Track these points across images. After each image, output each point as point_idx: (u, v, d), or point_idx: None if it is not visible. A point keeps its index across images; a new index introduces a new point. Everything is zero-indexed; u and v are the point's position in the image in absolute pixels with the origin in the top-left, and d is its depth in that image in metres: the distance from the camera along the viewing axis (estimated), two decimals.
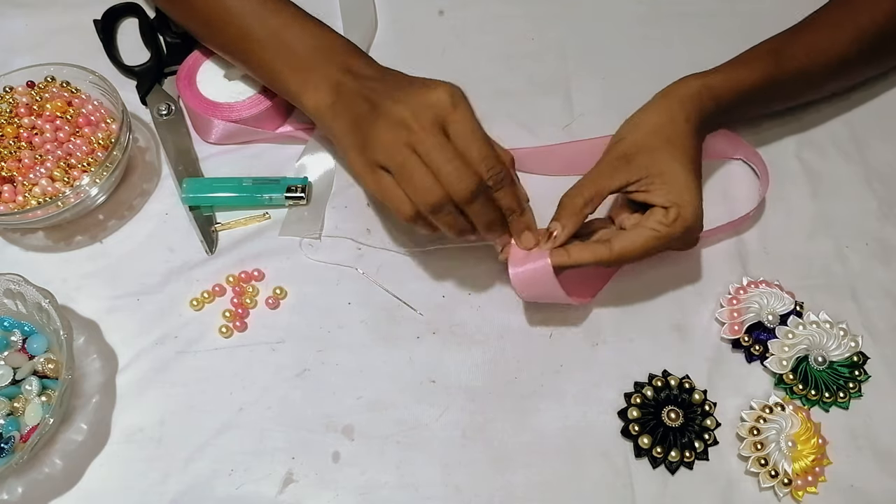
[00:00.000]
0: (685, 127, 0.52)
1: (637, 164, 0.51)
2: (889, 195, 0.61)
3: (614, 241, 0.50)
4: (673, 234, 0.50)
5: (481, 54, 0.68)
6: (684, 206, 0.50)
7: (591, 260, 0.50)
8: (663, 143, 0.52)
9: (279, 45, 0.55)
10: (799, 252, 0.58)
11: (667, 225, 0.50)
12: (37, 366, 0.52)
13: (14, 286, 0.52)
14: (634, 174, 0.51)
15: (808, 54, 0.57)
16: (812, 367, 0.53)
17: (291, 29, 0.55)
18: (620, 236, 0.50)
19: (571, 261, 0.50)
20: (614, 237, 0.51)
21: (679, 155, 0.51)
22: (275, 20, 0.55)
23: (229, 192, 0.59)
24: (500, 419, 0.52)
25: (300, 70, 0.54)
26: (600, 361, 0.54)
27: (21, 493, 0.50)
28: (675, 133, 0.52)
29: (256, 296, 0.56)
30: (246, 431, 0.52)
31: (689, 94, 0.53)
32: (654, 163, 0.51)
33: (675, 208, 0.50)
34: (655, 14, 0.70)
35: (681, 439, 0.51)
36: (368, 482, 0.50)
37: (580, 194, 0.51)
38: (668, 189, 0.50)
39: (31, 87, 0.60)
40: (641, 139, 0.52)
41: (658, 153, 0.51)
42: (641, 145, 0.52)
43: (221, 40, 0.58)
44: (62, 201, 0.55)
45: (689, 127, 0.52)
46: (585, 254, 0.50)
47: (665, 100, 0.54)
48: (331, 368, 0.54)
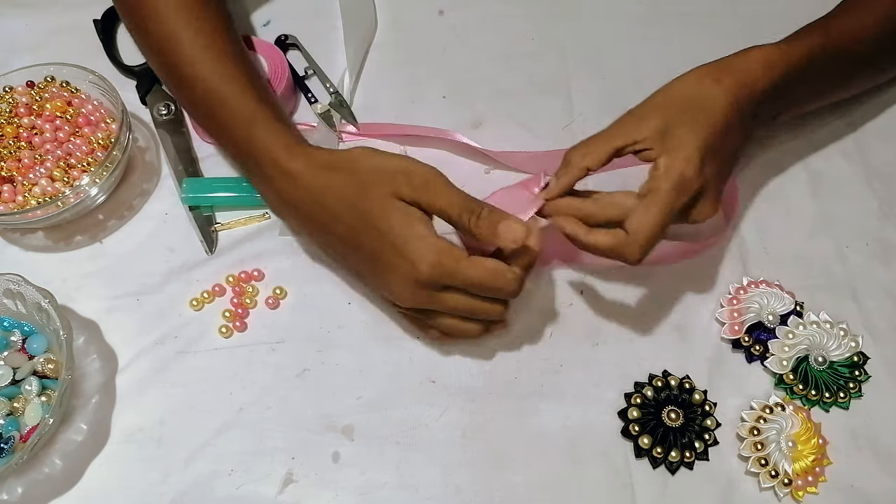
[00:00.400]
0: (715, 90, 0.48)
1: (646, 123, 0.48)
2: (889, 195, 0.61)
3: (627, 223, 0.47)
4: (666, 188, 0.46)
5: (481, 54, 0.68)
6: (674, 154, 0.46)
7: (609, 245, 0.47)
8: (683, 105, 0.48)
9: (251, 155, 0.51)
10: (799, 252, 0.58)
11: (657, 178, 0.46)
12: (37, 366, 0.52)
13: (14, 286, 0.52)
14: (642, 132, 0.48)
15: (858, 22, 0.54)
16: (812, 368, 0.53)
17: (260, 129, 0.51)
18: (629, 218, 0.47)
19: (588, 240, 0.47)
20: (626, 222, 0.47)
21: (692, 117, 0.47)
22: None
23: (229, 192, 0.59)
24: (500, 419, 0.52)
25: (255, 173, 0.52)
26: (600, 361, 0.54)
27: (21, 493, 0.50)
28: (699, 98, 0.48)
29: (256, 296, 0.56)
30: (246, 431, 0.52)
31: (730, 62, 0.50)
32: (667, 128, 0.47)
33: (662, 158, 0.47)
34: (655, 14, 0.70)
35: (681, 439, 0.51)
36: (368, 482, 0.50)
37: (581, 147, 0.49)
38: (665, 141, 0.47)
39: (30, 87, 0.60)
40: (661, 98, 0.49)
41: (671, 112, 0.48)
42: (660, 104, 0.49)
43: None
44: (62, 201, 0.55)
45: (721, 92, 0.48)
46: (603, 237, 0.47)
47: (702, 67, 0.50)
48: (331, 368, 0.54)
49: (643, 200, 0.47)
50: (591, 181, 0.51)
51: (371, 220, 0.46)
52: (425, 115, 0.64)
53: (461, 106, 0.65)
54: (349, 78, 0.65)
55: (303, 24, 0.68)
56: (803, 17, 0.60)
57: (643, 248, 0.46)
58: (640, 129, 0.48)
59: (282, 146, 0.49)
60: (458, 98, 0.65)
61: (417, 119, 0.63)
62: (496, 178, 0.61)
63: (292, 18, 0.69)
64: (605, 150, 0.48)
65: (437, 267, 0.45)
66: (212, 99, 0.52)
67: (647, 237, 0.46)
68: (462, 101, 0.65)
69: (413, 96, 0.65)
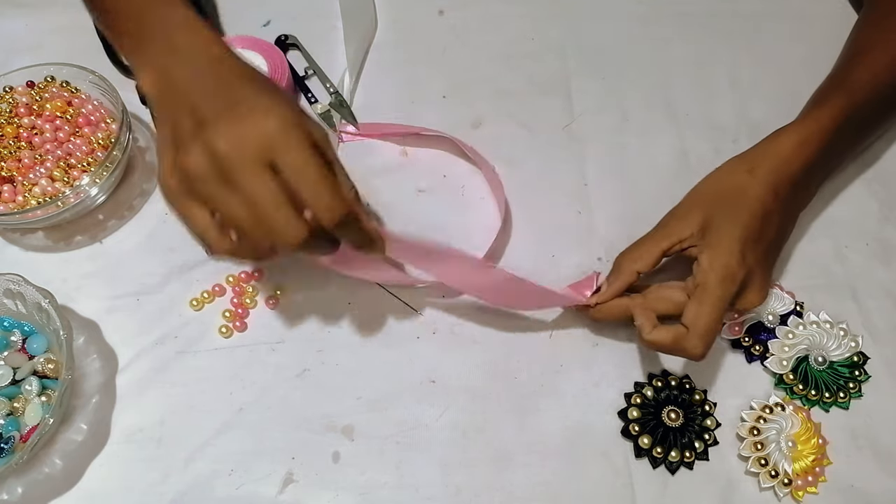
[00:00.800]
0: (748, 181, 0.49)
1: (688, 221, 0.50)
2: (889, 196, 0.61)
3: (685, 318, 0.47)
4: (714, 282, 0.47)
5: (481, 54, 0.68)
6: (716, 249, 0.47)
7: (671, 340, 0.47)
8: (719, 198, 0.50)
9: (121, 12, 0.46)
10: (799, 252, 0.58)
11: (703, 272, 0.47)
12: (37, 366, 0.52)
13: (14, 286, 0.52)
14: (685, 230, 0.49)
15: (872, 73, 0.55)
16: (812, 367, 0.53)
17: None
18: (686, 312, 0.48)
19: (649, 339, 0.48)
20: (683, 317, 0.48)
21: (730, 210, 0.49)
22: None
23: None
24: (500, 419, 0.52)
25: (136, 43, 0.45)
26: (600, 361, 0.54)
27: (21, 493, 0.50)
28: (734, 190, 0.49)
29: (256, 296, 0.56)
30: (246, 431, 0.52)
31: (758, 153, 0.51)
32: (703, 218, 0.49)
33: (705, 254, 0.48)
34: (655, 14, 0.70)
35: (681, 439, 0.51)
36: (368, 482, 0.50)
37: (629, 253, 0.51)
38: (706, 237, 0.48)
39: (31, 87, 0.60)
40: (698, 195, 0.51)
41: (710, 207, 0.49)
42: (697, 201, 0.51)
43: None
44: (62, 201, 0.55)
45: (755, 181, 0.49)
46: (664, 333, 0.48)
47: (734, 159, 0.51)
48: (331, 368, 0.54)
49: (695, 295, 0.48)
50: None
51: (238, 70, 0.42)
52: (425, 115, 0.64)
53: (461, 106, 0.65)
54: (349, 78, 0.65)
55: (303, 24, 0.68)
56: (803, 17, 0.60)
57: (704, 340, 0.47)
58: (684, 229, 0.50)
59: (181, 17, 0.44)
60: (458, 98, 0.65)
61: (417, 119, 0.63)
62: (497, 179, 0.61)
63: (292, 18, 0.69)
64: (654, 254, 0.50)
65: (291, 127, 0.40)
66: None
67: (706, 329, 0.47)
68: (462, 101, 0.65)
69: (413, 96, 0.65)
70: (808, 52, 0.61)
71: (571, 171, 0.62)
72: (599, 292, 0.51)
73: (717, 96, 0.65)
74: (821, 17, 0.62)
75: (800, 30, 0.61)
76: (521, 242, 0.55)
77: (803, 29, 0.61)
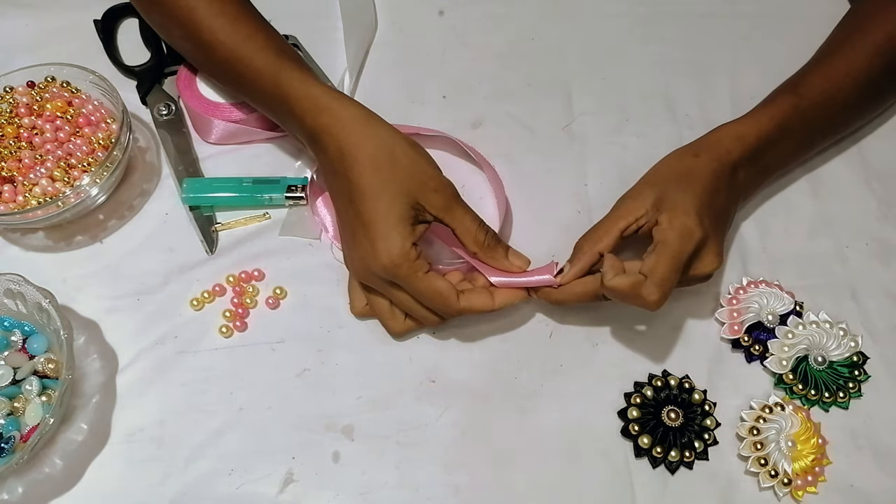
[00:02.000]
0: (694, 162, 0.52)
1: (641, 199, 0.51)
2: (889, 195, 0.61)
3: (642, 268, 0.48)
4: (673, 237, 0.48)
5: (481, 54, 0.68)
6: (673, 211, 0.49)
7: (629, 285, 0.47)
8: (669, 178, 0.52)
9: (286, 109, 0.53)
10: (799, 252, 0.58)
11: (662, 230, 0.49)
12: (37, 366, 0.52)
13: (14, 286, 0.52)
14: (640, 209, 0.51)
15: (828, 79, 0.57)
16: (812, 367, 0.53)
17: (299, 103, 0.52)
18: (644, 265, 0.49)
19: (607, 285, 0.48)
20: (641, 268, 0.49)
21: (680, 184, 0.51)
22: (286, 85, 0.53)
23: (229, 192, 0.59)
24: (500, 419, 0.52)
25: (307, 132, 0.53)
26: (600, 361, 0.54)
27: (21, 493, 0.50)
28: (682, 170, 0.52)
29: (256, 296, 0.56)
30: (246, 431, 0.52)
31: (713, 138, 0.54)
32: (662, 196, 0.51)
33: (664, 214, 0.49)
34: (655, 14, 0.70)
35: (681, 439, 0.51)
36: (368, 482, 0.50)
37: (589, 236, 0.52)
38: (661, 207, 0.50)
39: (31, 87, 0.60)
40: (649, 178, 0.53)
41: (661, 186, 0.52)
42: (648, 183, 0.53)
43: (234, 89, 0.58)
44: (62, 201, 0.55)
45: (700, 163, 0.52)
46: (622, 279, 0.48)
47: (680, 148, 0.54)
48: (331, 368, 0.54)
49: (654, 249, 0.49)
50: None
51: (361, 193, 0.49)
52: (425, 115, 0.64)
53: (461, 106, 0.65)
54: (349, 78, 0.65)
55: (303, 24, 0.68)
56: (803, 18, 0.60)
57: (660, 288, 0.47)
58: (638, 207, 0.51)
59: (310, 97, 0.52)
60: (458, 98, 0.65)
61: (417, 119, 0.63)
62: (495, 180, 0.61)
63: (292, 18, 0.69)
64: (612, 234, 0.51)
65: (393, 268, 0.48)
66: (235, 62, 0.54)
67: (662, 279, 0.48)
68: (462, 101, 0.65)
69: (413, 96, 0.65)
70: (808, 52, 0.61)
71: (571, 171, 0.62)
72: (561, 275, 0.51)
73: (717, 96, 0.65)
74: (820, 17, 0.62)
75: (800, 30, 0.61)
76: (520, 242, 0.55)
77: (803, 29, 0.61)
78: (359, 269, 0.50)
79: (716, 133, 0.55)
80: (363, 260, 0.49)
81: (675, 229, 0.49)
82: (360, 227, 0.49)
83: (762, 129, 0.54)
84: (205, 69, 0.60)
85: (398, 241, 0.48)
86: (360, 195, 0.49)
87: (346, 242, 0.51)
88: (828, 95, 0.57)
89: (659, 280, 0.47)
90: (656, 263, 0.48)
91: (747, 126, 0.55)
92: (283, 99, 0.53)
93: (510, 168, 0.61)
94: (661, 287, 0.47)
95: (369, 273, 0.49)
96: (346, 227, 0.51)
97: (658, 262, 0.48)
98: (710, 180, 0.52)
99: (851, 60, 0.57)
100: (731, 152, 0.53)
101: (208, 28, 0.54)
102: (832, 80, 0.57)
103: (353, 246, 0.50)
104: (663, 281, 0.48)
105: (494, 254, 0.51)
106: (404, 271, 0.48)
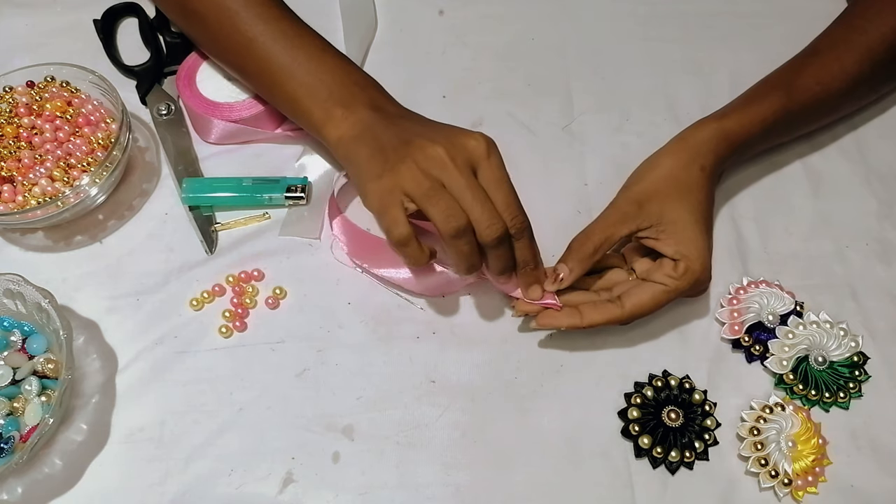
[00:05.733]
0: (699, 175, 0.53)
1: (648, 211, 0.52)
2: (889, 195, 0.61)
3: (625, 298, 0.51)
4: (681, 287, 0.50)
5: (481, 54, 0.68)
6: (693, 259, 0.50)
7: (603, 321, 0.51)
8: (675, 190, 0.52)
9: (304, 77, 0.54)
10: (799, 252, 0.58)
11: (676, 278, 0.50)
12: (37, 366, 0.52)
13: (14, 286, 0.52)
14: (645, 221, 0.52)
15: (819, 82, 0.57)
16: (812, 367, 0.53)
17: (318, 62, 0.54)
18: (631, 294, 0.51)
19: (584, 322, 0.51)
20: (625, 295, 0.51)
21: (690, 205, 0.52)
22: (300, 51, 0.54)
23: (229, 192, 0.59)
24: (500, 419, 0.52)
25: (325, 102, 0.53)
26: (600, 361, 0.54)
27: (21, 493, 0.50)
28: (688, 181, 0.53)
29: (256, 296, 0.56)
30: (246, 431, 0.52)
31: (705, 139, 0.54)
32: (664, 211, 0.51)
33: (683, 262, 0.50)
34: (655, 14, 0.70)
35: (681, 439, 0.51)
36: (368, 482, 0.50)
37: (590, 240, 0.52)
38: (678, 240, 0.51)
39: (30, 87, 0.60)
40: (654, 185, 0.53)
41: (669, 201, 0.52)
42: (653, 192, 0.53)
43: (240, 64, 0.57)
44: (62, 201, 0.55)
45: (704, 175, 0.53)
46: (597, 315, 0.51)
47: (681, 145, 0.54)
48: (331, 368, 0.54)
49: (654, 288, 0.51)
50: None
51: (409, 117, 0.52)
52: (425, 114, 0.63)
53: (461, 106, 0.65)
54: None
55: None
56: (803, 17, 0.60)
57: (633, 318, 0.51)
58: (643, 218, 0.52)
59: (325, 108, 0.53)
60: (458, 98, 0.65)
61: None
62: None
63: None
64: (613, 241, 0.52)
65: (488, 141, 0.48)
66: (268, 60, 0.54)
67: (643, 315, 0.51)
68: (462, 101, 0.65)
69: (413, 96, 0.65)
70: None
71: (571, 171, 0.62)
72: (558, 280, 0.51)
73: (717, 96, 0.65)
74: (821, 17, 0.62)
75: (800, 30, 0.61)
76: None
77: (803, 29, 0.61)
78: (439, 153, 0.47)
79: (701, 129, 0.55)
80: (453, 141, 0.47)
81: (688, 281, 0.50)
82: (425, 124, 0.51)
83: (750, 130, 0.55)
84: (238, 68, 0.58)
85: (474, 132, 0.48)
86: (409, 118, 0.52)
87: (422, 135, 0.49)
88: (818, 98, 0.57)
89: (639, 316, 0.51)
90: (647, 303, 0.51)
91: (734, 124, 0.55)
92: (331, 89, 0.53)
93: (510, 168, 0.60)
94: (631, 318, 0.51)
95: (457, 153, 0.47)
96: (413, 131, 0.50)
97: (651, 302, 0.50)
98: (707, 189, 0.53)
99: (844, 62, 0.57)
100: (720, 151, 0.54)
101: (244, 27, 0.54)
102: (823, 81, 0.57)
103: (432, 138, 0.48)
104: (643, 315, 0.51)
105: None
106: (494, 148, 0.48)
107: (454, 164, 0.46)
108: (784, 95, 0.56)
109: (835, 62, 0.57)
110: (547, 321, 0.51)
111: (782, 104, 0.56)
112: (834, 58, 0.58)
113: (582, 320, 0.51)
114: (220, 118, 0.61)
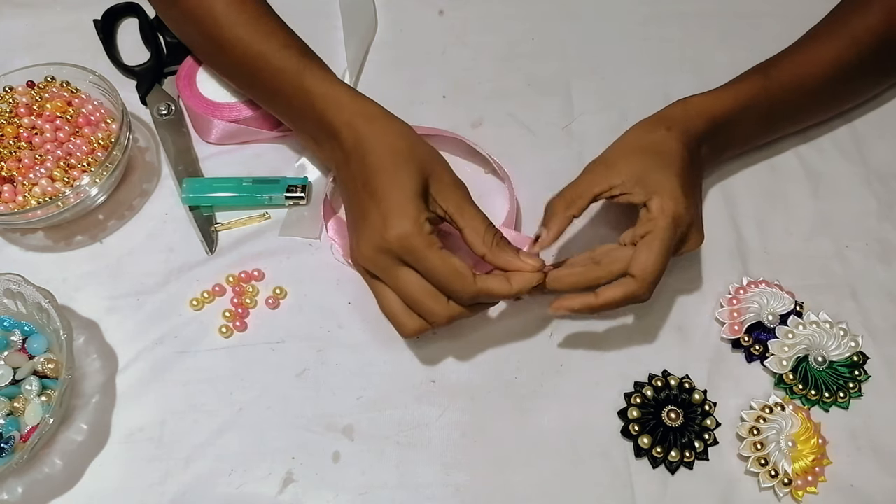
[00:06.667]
0: (666, 134, 0.52)
1: (617, 170, 0.51)
2: (889, 195, 0.61)
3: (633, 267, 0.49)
4: (664, 226, 0.49)
5: (481, 54, 0.68)
6: (664, 195, 0.49)
7: (621, 295, 0.48)
8: (641, 149, 0.52)
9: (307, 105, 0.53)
10: (799, 252, 0.58)
11: (654, 219, 0.49)
12: (37, 366, 0.52)
13: (14, 286, 0.52)
14: (615, 178, 0.51)
15: (798, 64, 0.57)
16: (812, 367, 0.53)
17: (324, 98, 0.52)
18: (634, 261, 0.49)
19: (600, 301, 0.49)
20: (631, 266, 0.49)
21: (658, 157, 0.51)
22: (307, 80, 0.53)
23: (229, 192, 0.59)
24: (500, 419, 0.52)
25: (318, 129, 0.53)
26: (600, 361, 0.54)
27: (21, 493, 0.50)
28: (654, 139, 0.52)
29: (256, 296, 0.56)
30: (246, 431, 0.52)
31: (670, 109, 0.54)
32: (632, 166, 0.51)
33: (655, 199, 0.49)
34: (655, 14, 0.70)
35: (681, 439, 0.51)
36: (368, 482, 0.50)
37: (562, 198, 0.51)
38: (645, 185, 0.50)
39: (31, 87, 0.60)
40: (620, 148, 0.53)
41: (635, 157, 0.52)
42: (620, 153, 0.53)
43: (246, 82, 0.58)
44: (62, 201, 0.55)
45: (672, 135, 0.52)
46: (610, 291, 0.49)
47: (648, 119, 0.54)
48: (331, 368, 0.54)
49: (644, 242, 0.49)
50: None
51: (375, 172, 0.48)
52: (425, 115, 0.64)
53: (461, 106, 0.65)
54: (349, 78, 0.65)
55: (303, 24, 0.68)
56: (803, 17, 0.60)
57: (652, 285, 0.49)
58: (613, 176, 0.51)
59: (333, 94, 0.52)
60: (458, 98, 0.65)
61: (417, 119, 0.62)
62: (496, 180, 0.61)
63: (292, 18, 0.69)
64: (586, 198, 0.51)
65: (407, 238, 0.46)
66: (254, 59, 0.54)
67: (655, 275, 0.48)
68: (462, 101, 0.65)
69: (413, 96, 0.65)
70: None
71: (571, 171, 0.62)
72: (539, 241, 0.51)
73: None
74: (820, 17, 0.62)
75: (800, 30, 0.61)
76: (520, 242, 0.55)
77: (803, 29, 0.61)
78: (366, 251, 0.47)
79: (681, 105, 0.55)
80: (372, 237, 0.46)
81: (667, 217, 0.49)
82: (373, 204, 0.47)
83: (726, 106, 0.55)
84: (219, 66, 0.59)
85: (413, 211, 0.46)
86: (374, 173, 0.48)
87: (355, 225, 0.49)
88: (796, 80, 0.57)
89: (652, 278, 0.48)
90: (648, 259, 0.48)
91: (712, 101, 0.55)
92: (305, 95, 0.52)
93: (510, 168, 0.61)
94: (653, 284, 0.48)
95: (378, 251, 0.46)
96: (356, 209, 0.49)
97: (650, 260, 0.48)
98: (684, 156, 0.52)
99: (824, 48, 0.58)
100: (698, 126, 0.54)
101: (228, 25, 0.55)
102: (802, 65, 0.57)
103: (364, 226, 0.47)
104: (656, 278, 0.48)
105: (503, 254, 0.49)
106: (419, 242, 0.46)
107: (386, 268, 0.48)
108: (762, 76, 0.57)
109: (815, 48, 0.58)
110: (562, 303, 0.50)
111: (761, 84, 0.56)
112: (815, 44, 0.58)
113: (597, 298, 0.49)
114: (220, 118, 0.61)
